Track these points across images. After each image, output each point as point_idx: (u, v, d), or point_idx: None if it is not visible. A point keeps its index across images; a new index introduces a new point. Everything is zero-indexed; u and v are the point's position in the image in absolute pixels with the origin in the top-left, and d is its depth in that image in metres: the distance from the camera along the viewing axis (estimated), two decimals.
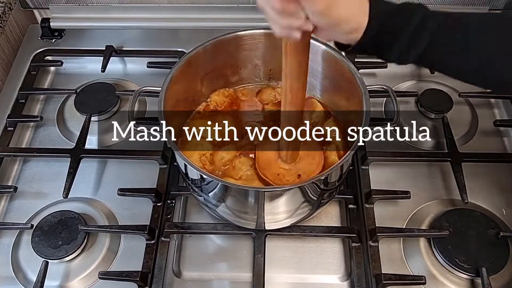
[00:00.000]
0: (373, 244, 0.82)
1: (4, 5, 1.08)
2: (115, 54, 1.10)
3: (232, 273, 0.82)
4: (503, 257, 0.79)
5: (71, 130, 1.00)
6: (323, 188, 0.76)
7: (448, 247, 0.79)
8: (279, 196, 0.72)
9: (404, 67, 1.07)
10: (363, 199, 0.86)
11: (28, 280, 0.80)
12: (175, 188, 0.89)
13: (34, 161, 0.96)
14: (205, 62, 0.86)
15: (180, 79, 0.82)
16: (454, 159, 0.90)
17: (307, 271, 0.82)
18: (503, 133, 0.98)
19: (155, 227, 0.84)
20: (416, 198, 0.88)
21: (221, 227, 0.84)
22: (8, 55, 1.12)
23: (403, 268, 0.81)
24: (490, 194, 0.89)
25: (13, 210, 0.90)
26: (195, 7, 1.12)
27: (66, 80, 1.10)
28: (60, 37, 1.16)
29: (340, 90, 0.86)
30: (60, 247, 0.81)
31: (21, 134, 1.01)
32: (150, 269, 0.80)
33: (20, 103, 1.04)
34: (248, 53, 0.89)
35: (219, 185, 0.72)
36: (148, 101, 1.04)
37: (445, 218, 0.83)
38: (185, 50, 1.07)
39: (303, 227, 0.83)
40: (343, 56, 0.82)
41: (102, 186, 0.92)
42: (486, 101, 1.03)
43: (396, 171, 0.92)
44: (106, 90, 1.03)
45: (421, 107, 0.99)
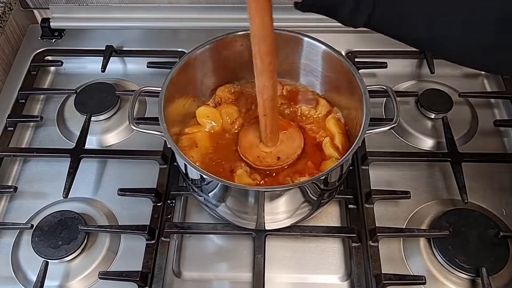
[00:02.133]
0: (373, 244, 0.82)
1: (4, 5, 1.08)
2: (115, 54, 1.10)
3: (232, 273, 0.82)
4: (503, 257, 0.79)
5: (71, 130, 1.00)
6: (323, 188, 0.76)
7: (448, 247, 0.79)
8: (279, 196, 0.72)
9: (403, 66, 1.08)
10: (363, 199, 0.86)
11: (28, 280, 0.80)
12: (175, 188, 0.89)
13: (34, 161, 0.96)
14: (205, 62, 0.86)
15: (180, 79, 0.82)
16: (454, 159, 0.90)
17: (307, 271, 0.82)
18: (503, 133, 0.98)
19: (155, 227, 0.84)
20: (416, 198, 0.88)
21: (221, 227, 0.84)
22: (8, 55, 1.12)
23: (403, 268, 0.81)
24: (490, 194, 0.89)
25: (13, 210, 0.90)
26: (195, 7, 1.12)
27: (66, 80, 1.10)
28: (60, 37, 1.16)
29: (340, 90, 0.86)
30: (60, 247, 0.81)
31: (21, 134, 1.01)
32: (150, 269, 0.80)
33: (20, 103, 1.04)
34: (248, 53, 0.89)
35: (219, 185, 0.72)
36: (148, 101, 1.04)
37: (445, 218, 0.83)
38: (185, 50, 1.07)
39: (303, 227, 0.83)
40: (343, 56, 0.82)
41: (102, 186, 0.92)
42: (486, 101, 1.03)
43: (396, 171, 0.92)
44: (106, 90, 1.03)
45: (421, 107, 0.99)
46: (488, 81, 1.08)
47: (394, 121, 0.77)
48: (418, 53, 1.08)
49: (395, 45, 1.08)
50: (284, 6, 1.15)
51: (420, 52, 1.08)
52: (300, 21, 1.08)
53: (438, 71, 1.05)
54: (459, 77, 1.07)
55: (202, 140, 0.86)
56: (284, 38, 0.86)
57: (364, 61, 1.07)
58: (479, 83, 1.08)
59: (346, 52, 1.09)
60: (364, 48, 1.10)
